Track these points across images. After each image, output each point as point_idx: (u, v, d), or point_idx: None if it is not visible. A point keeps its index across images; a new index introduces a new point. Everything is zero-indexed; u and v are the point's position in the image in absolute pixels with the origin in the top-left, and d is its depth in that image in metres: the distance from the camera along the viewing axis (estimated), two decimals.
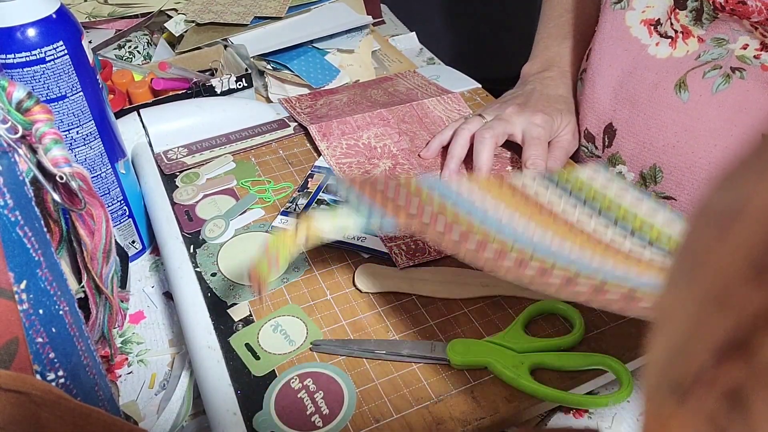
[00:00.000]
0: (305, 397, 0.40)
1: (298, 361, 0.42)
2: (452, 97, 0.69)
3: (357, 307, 0.46)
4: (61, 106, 0.47)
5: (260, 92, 0.77)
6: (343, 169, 0.58)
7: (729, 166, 0.12)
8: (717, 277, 0.12)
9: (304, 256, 0.50)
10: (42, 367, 0.28)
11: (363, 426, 0.38)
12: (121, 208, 0.55)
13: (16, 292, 0.27)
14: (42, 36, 0.44)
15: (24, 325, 0.27)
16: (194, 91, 0.69)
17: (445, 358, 0.41)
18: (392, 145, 0.62)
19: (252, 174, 0.59)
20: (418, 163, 0.60)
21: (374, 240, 0.51)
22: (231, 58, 0.77)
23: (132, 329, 0.52)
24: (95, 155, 0.51)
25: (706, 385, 0.12)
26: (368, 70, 0.80)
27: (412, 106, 0.67)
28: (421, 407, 0.39)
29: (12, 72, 0.44)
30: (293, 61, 0.76)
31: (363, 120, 0.64)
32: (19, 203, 0.28)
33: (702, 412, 0.12)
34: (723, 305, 0.11)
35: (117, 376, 0.48)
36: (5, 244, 0.26)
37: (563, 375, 0.41)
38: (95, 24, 0.89)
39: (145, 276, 0.57)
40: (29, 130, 0.32)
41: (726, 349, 0.11)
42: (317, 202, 0.55)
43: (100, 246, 0.38)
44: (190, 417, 0.45)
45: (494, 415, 0.39)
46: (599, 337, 0.43)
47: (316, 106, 0.68)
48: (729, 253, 0.11)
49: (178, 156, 0.61)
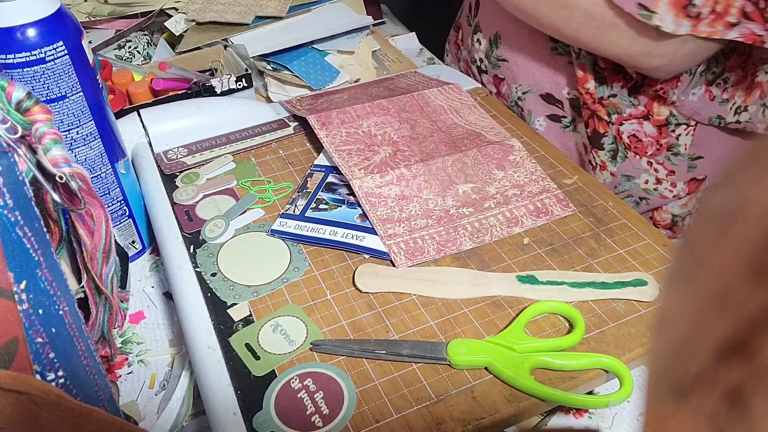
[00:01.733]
0: (305, 397, 0.40)
1: (298, 361, 0.42)
2: (453, 87, 0.69)
3: (357, 307, 0.46)
4: (61, 106, 0.47)
5: (260, 92, 0.77)
6: (343, 156, 0.58)
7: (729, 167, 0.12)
8: (717, 278, 0.12)
9: (304, 256, 0.50)
10: (42, 367, 0.28)
11: (363, 426, 0.38)
12: (121, 208, 0.55)
13: (15, 292, 0.27)
14: (42, 36, 0.44)
15: (24, 325, 0.27)
16: (194, 91, 0.69)
17: (445, 358, 0.41)
18: (393, 132, 0.61)
19: (252, 174, 0.59)
20: (419, 149, 0.59)
21: (374, 240, 0.51)
22: (231, 58, 0.77)
23: (132, 329, 0.52)
24: (95, 155, 0.51)
25: (706, 386, 0.12)
26: (368, 70, 0.80)
27: (412, 96, 0.67)
28: (421, 407, 0.39)
29: (12, 72, 0.44)
30: (293, 62, 0.76)
31: (363, 110, 0.64)
32: (19, 203, 0.28)
33: (702, 412, 0.12)
34: (723, 306, 0.11)
35: (117, 376, 0.48)
36: (5, 245, 0.26)
37: (563, 375, 0.41)
38: (95, 24, 0.89)
39: (145, 276, 0.57)
40: (29, 130, 0.32)
41: (726, 350, 0.11)
42: (316, 202, 0.55)
43: (100, 246, 0.38)
44: (190, 417, 0.45)
45: (494, 415, 0.39)
46: (599, 337, 0.43)
47: (317, 104, 0.68)
48: (729, 254, 0.11)
49: (178, 156, 0.61)
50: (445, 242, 0.51)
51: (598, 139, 0.71)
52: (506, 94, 0.79)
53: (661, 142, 0.70)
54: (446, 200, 0.54)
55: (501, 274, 0.48)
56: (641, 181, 0.72)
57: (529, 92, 0.76)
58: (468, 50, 0.82)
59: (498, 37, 0.76)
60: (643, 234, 0.52)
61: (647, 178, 0.72)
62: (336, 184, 0.57)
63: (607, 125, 0.70)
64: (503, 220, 0.53)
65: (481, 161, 0.58)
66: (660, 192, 0.72)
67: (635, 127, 0.69)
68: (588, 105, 0.70)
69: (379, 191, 0.54)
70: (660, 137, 0.69)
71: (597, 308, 0.45)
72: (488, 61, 0.78)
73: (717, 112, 0.66)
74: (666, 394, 0.13)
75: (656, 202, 0.74)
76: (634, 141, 0.69)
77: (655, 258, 0.49)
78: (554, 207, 0.54)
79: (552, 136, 0.76)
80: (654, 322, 0.14)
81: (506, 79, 0.77)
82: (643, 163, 0.71)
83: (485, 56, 0.78)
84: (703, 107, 0.66)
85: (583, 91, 0.69)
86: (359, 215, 0.53)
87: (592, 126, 0.71)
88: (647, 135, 0.69)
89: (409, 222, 0.52)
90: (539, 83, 0.74)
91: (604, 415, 0.43)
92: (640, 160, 0.71)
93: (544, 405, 0.41)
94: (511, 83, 0.77)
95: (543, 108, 0.76)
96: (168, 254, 0.51)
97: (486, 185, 0.56)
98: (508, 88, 0.78)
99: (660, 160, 0.71)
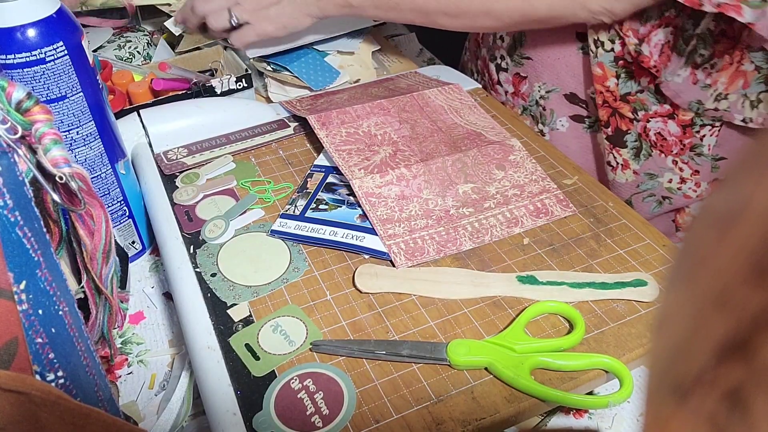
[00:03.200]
0: (305, 397, 0.40)
1: (298, 361, 0.42)
2: (453, 87, 0.69)
3: (357, 308, 0.46)
4: (61, 107, 0.47)
5: (260, 92, 0.77)
6: (343, 156, 0.58)
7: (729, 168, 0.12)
8: (717, 278, 0.12)
9: (304, 256, 0.50)
10: (42, 367, 0.28)
11: (363, 426, 0.38)
12: (121, 208, 0.55)
13: (15, 292, 0.27)
14: (42, 36, 0.44)
15: (24, 325, 0.27)
16: (194, 91, 0.69)
17: (445, 358, 0.41)
18: (393, 132, 0.61)
19: (252, 174, 0.59)
20: (419, 149, 0.59)
21: (374, 240, 0.51)
22: (231, 59, 0.77)
23: (132, 329, 0.52)
24: (95, 155, 0.51)
25: (706, 386, 0.12)
26: (368, 71, 0.80)
27: (412, 96, 0.67)
28: (421, 407, 0.39)
29: (12, 72, 0.44)
30: (293, 63, 0.76)
31: (363, 110, 0.64)
32: (19, 203, 0.28)
33: (702, 412, 0.12)
34: (723, 306, 0.11)
35: (117, 377, 0.48)
36: (5, 245, 0.26)
37: (563, 375, 0.41)
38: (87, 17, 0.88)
39: (145, 276, 0.57)
40: (29, 130, 0.32)
41: (726, 350, 0.11)
42: (316, 202, 0.55)
43: (100, 246, 0.38)
44: (190, 417, 0.45)
45: (494, 415, 0.39)
46: (599, 337, 0.43)
47: (317, 104, 0.68)
48: (729, 254, 0.11)
49: (178, 156, 0.61)
50: (445, 242, 0.51)
51: (621, 137, 0.71)
52: (526, 93, 0.78)
53: (685, 142, 0.69)
54: (446, 200, 0.54)
55: (501, 274, 0.48)
56: (665, 180, 0.72)
57: (553, 91, 0.76)
58: (488, 48, 0.82)
59: (523, 35, 0.76)
60: (643, 234, 0.52)
61: (671, 177, 0.72)
62: (336, 184, 0.57)
63: (630, 122, 0.70)
64: (503, 220, 0.53)
65: (482, 161, 0.58)
66: (684, 192, 0.72)
67: (660, 125, 0.69)
68: (609, 103, 0.70)
69: (379, 191, 0.54)
70: (684, 137, 0.69)
71: (597, 308, 0.45)
72: (510, 59, 0.78)
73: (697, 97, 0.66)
74: (666, 394, 0.13)
75: (680, 202, 0.73)
76: (660, 139, 0.69)
77: (655, 258, 0.49)
78: (554, 207, 0.54)
79: (573, 136, 0.76)
80: (654, 322, 0.14)
81: (528, 78, 0.77)
82: (668, 162, 0.71)
83: (507, 53, 0.78)
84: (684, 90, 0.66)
85: (603, 89, 0.69)
86: (359, 215, 0.53)
87: (613, 124, 0.71)
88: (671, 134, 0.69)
89: (409, 222, 0.52)
90: (564, 82, 0.74)
91: (604, 416, 0.43)
92: (666, 158, 0.70)
93: (544, 405, 0.41)
94: (533, 82, 0.76)
95: (566, 108, 0.75)
96: (168, 254, 0.51)
97: (486, 185, 0.56)
98: (529, 87, 0.78)
99: (685, 159, 0.70)
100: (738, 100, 0.66)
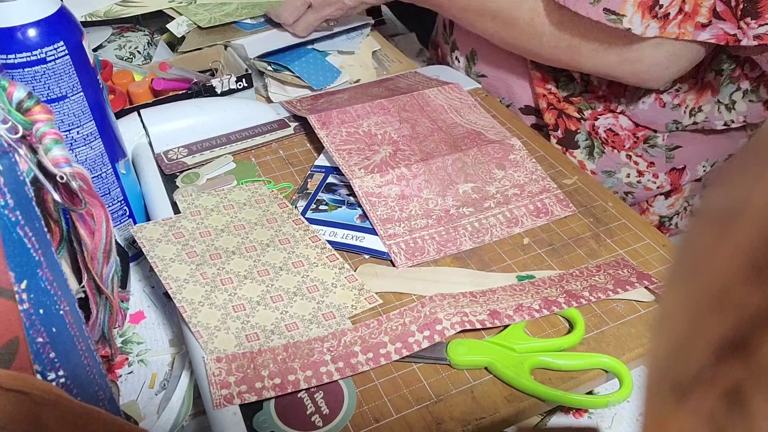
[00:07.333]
0: (305, 397, 0.40)
1: None
2: (453, 86, 0.69)
3: None
4: (61, 106, 0.47)
5: (260, 92, 0.77)
6: (343, 155, 0.58)
7: (728, 167, 0.12)
8: (716, 277, 0.12)
9: None
10: (42, 366, 0.28)
11: (363, 426, 0.38)
12: (121, 208, 0.55)
13: (16, 292, 0.27)
14: (42, 36, 0.44)
15: (24, 325, 0.27)
16: (194, 91, 0.69)
17: (445, 357, 0.41)
18: (393, 132, 0.62)
19: (252, 174, 0.59)
20: (419, 149, 0.60)
21: (374, 240, 0.51)
22: (231, 59, 0.77)
23: (132, 329, 0.52)
24: (95, 155, 0.51)
25: (705, 385, 0.12)
26: (368, 71, 0.80)
27: (413, 95, 0.67)
28: (421, 407, 0.39)
29: (13, 72, 0.44)
30: (294, 63, 0.76)
31: (363, 109, 0.64)
32: (20, 203, 0.28)
33: (702, 411, 0.12)
34: (722, 305, 0.11)
35: (117, 376, 0.48)
36: (6, 244, 0.26)
37: (563, 375, 0.41)
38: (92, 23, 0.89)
39: (145, 276, 0.57)
40: (29, 130, 0.32)
41: (725, 349, 0.11)
42: (316, 203, 0.55)
43: (101, 246, 0.38)
44: (190, 417, 0.45)
45: (494, 415, 0.39)
46: (599, 337, 0.43)
47: (317, 104, 0.68)
48: (728, 253, 0.11)
49: (178, 156, 0.61)
50: (445, 242, 0.51)
51: (572, 138, 0.71)
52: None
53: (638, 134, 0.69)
54: (446, 200, 0.54)
55: (501, 274, 0.48)
56: (623, 175, 0.72)
57: (511, 106, 0.77)
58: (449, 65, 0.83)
59: (474, 54, 0.76)
60: (643, 234, 0.52)
61: (628, 171, 0.72)
62: (336, 184, 0.57)
63: (578, 122, 0.69)
64: (503, 220, 0.53)
65: (482, 160, 0.58)
66: (644, 184, 0.72)
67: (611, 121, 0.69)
68: (554, 105, 0.70)
69: (380, 191, 0.54)
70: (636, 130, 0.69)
71: (597, 308, 0.45)
72: (468, 77, 0.78)
73: (672, 118, 0.66)
74: (666, 393, 0.13)
75: (642, 195, 0.73)
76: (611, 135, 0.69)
77: (655, 258, 0.49)
78: (554, 207, 0.54)
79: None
80: (654, 322, 0.14)
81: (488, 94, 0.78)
82: (622, 157, 0.71)
83: (465, 73, 0.79)
84: (656, 115, 0.66)
85: (545, 92, 0.69)
86: (359, 216, 0.53)
87: (562, 126, 0.71)
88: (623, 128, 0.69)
89: (409, 222, 0.52)
90: (518, 96, 0.75)
91: (604, 415, 0.43)
92: (619, 153, 0.70)
93: (544, 405, 0.41)
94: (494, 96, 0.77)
95: (525, 119, 0.76)
96: None
97: (486, 185, 0.56)
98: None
99: (638, 152, 0.70)
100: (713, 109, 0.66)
